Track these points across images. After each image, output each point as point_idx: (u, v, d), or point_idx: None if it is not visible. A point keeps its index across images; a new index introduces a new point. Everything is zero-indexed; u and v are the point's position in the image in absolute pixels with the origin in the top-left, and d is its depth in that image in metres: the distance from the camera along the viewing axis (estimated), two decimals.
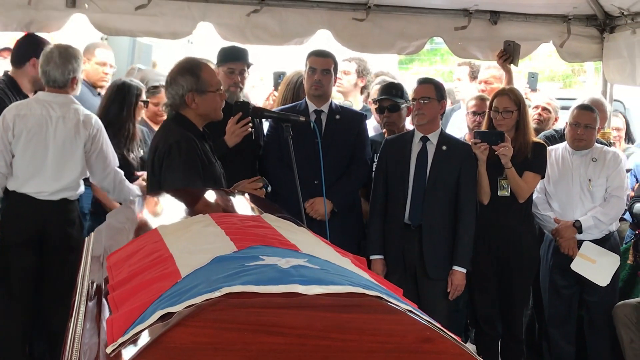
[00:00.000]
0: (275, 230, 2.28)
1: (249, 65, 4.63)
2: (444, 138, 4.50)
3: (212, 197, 3.17)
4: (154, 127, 4.95)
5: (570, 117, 4.79)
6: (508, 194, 4.52)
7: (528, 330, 5.16)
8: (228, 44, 4.91)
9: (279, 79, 5.41)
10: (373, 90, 5.32)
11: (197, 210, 2.69)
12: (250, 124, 4.24)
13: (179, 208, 2.95)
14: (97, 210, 4.63)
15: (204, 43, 7.34)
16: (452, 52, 5.81)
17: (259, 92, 6.26)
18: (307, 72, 4.59)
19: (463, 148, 4.51)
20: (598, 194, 4.74)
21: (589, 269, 4.63)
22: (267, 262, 1.75)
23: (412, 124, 4.61)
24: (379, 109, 4.87)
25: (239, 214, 2.82)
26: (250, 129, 4.25)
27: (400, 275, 4.35)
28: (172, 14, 5.09)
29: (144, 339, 1.52)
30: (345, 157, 4.59)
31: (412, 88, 4.65)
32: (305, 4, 5.33)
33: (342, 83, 5.77)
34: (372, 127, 5.25)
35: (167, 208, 3.00)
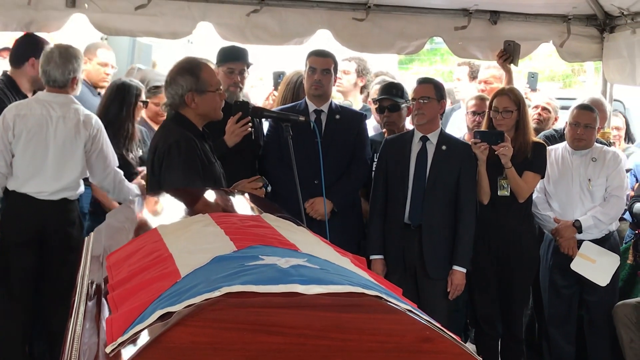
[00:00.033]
0: (275, 230, 2.28)
1: (249, 65, 4.63)
2: (444, 138, 4.50)
3: (211, 196, 3.17)
4: (155, 127, 4.94)
5: (570, 116, 4.79)
6: (508, 194, 4.52)
7: (528, 330, 5.16)
8: (228, 44, 4.90)
9: (279, 79, 5.41)
10: (373, 90, 5.32)
11: (196, 210, 2.69)
12: (250, 124, 4.24)
13: (179, 208, 2.95)
14: (96, 210, 4.63)
15: (204, 43, 7.34)
16: (452, 52, 5.80)
17: (259, 92, 6.25)
18: (307, 72, 4.59)
19: (463, 148, 4.50)
20: (598, 194, 4.74)
21: (589, 269, 4.63)
22: (266, 261, 1.75)
23: (412, 124, 4.61)
24: (379, 109, 4.87)
25: (239, 214, 2.82)
26: (250, 129, 4.25)
27: (400, 275, 4.35)
28: (172, 14, 5.09)
29: (144, 339, 1.52)
30: (345, 157, 4.58)
31: (412, 88, 4.65)
32: (305, 4, 5.33)
33: (341, 83, 5.77)
34: (372, 127, 5.24)
35: (166, 208, 3.00)
